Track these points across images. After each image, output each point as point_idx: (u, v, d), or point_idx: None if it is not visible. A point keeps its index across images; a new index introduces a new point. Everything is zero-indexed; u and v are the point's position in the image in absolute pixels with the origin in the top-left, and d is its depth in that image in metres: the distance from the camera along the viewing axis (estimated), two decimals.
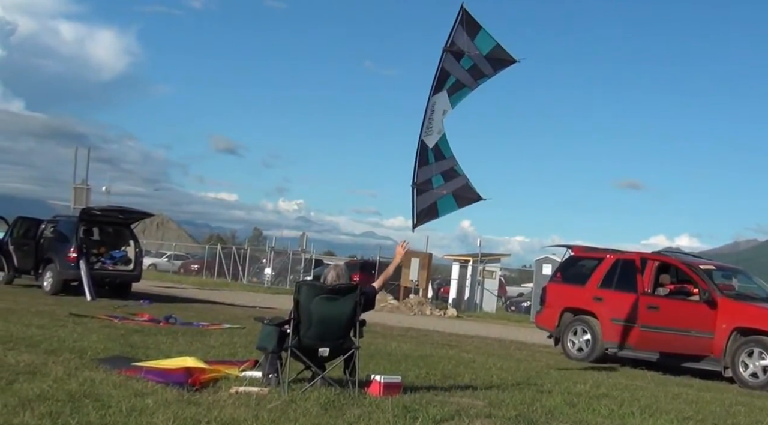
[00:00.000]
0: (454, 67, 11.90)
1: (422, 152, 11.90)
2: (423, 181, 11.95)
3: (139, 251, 21.43)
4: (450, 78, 11.95)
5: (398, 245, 8.71)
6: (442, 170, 12.10)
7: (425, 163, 11.95)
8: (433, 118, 11.94)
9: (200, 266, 45.67)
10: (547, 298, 15.97)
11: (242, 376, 7.78)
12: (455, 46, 11.77)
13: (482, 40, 11.81)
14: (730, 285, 14.46)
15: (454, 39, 11.76)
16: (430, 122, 11.92)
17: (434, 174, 12.04)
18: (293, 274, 37.59)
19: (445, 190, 12.16)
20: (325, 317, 7.39)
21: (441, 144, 12.09)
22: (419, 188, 11.94)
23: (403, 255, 8.74)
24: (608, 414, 7.64)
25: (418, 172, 11.92)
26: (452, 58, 11.85)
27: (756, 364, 12.64)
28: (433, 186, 12.09)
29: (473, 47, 11.80)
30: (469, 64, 11.91)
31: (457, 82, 12.00)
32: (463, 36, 11.75)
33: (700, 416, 8.18)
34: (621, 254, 15.17)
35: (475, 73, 12.03)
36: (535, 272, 30.46)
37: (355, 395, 7.12)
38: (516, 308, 36.44)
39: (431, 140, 11.93)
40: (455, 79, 11.98)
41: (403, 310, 27.75)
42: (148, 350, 9.70)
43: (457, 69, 11.92)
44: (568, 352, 14.87)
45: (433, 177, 12.05)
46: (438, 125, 12.03)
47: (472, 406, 7.25)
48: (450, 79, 11.97)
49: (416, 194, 11.94)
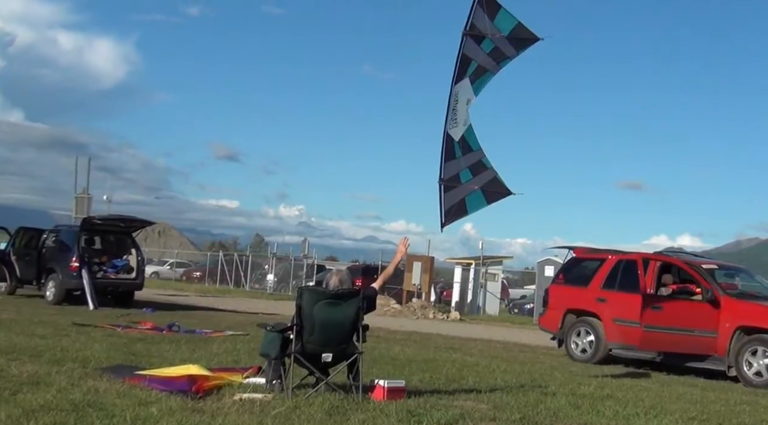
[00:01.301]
0: (475, 51, 11.17)
1: (448, 145, 11.22)
2: (450, 176, 11.14)
3: (141, 259, 21.44)
4: (472, 64, 11.17)
5: (399, 243, 8.69)
6: (470, 164, 11.33)
7: (452, 157, 11.23)
8: (458, 108, 11.19)
9: (202, 274, 45.67)
10: (549, 300, 15.96)
11: (246, 383, 7.78)
12: (475, 29, 11.09)
13: (503, 20, 11.14)
14: (732, 284, 14.45)
15: (473, 21, 11.10)
16: (454, 114, 11.16)
17: (462, 169, 11.27)
18: (295, 280, 37.55)
19: (474, 185, 11.43)
20: (328, 322, 7.39)
21: (468, 136, 11.36)
22: (447, 185, 11.21)
23: (404, 253, 8.71)
24: (613, 416, 7.64)
25: (445, 167, 11.22)
26: (472, 42, 11.09)
27: (760, 363, 12.63)
28: (461, 181, 11.35)
29: (494, 28, 10.96)
30: (490, 47, 11.27)
31: (479, 67, 11.36)
32: (483, 17, 10.93)
33: (705, 415, 8.17)
34: (623, 254, 15.16)
35: (497, 56, 11.34)
36: (538, 274, 30.45)
37: (359, 400, 7.12)
38: (519, 311, 36.41)
39: (457, 132, 11.21)
40: (477, 64, 11.17)
41: (405, 314, 27.73)
42: (152, 358, 9.70)
43: (478, 53, 11.22)
44: (571, 354, 14.86)
45: (461, 172, 11.30)
46: (463, 116, 11.31)
47: (477, 409, 7.25)
48: (472, 65, 11.19)
49: (443, 191, 11.18)
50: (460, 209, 11.54)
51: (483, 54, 11.38)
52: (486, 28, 11.22)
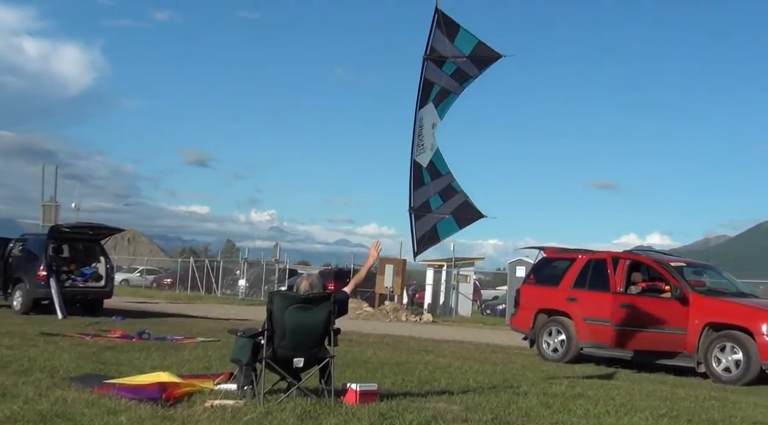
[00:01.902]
0: (437, 75, 10.94)
1: (416, 173, 10.94)
2: (420, 204, 10.93)
3: (110, 267, 21.29)
4: (434, 88, 10.95)
5: (372, 247, 8.69)
6: (440, 189, 11.08)
7: (421, 184, 10.85)
8: (423, 134, 10.93)
9: (173, 280, 45.42)
10: (521, 300, 16.04)
11: (217, 389, 7.72)
12: (435, 52, 10.81)
13: (463, 40, 10.73)
14: (701, 282, 14.60)
15: (433, 45, 10.88)
16: (420, 139, 10.92)
17: (432, 195, 11.02)
18: (267, 285, 37.41)
19: (445, 211, 11.21)
20: (299, 327, 7.36)
21: (436, 160, 11.10)
22: (417, 213, 11.01)
23: (376, 257, 8.70)
24: (584, 414, 7.68)
25: (414, 195, 10.95)
26: (434, 66, 10.86)
27: (728, 359, 12.77)
28: (431, 208, 11.09)
29: (455, 50, 10.82)
30: (452, 69, 10.99)
31: (443, 90, 10.96)
32: (443, 39, 10.80)
33: (675, 412, 8.24)
34: (593, 254, 15.27)
35: (460, 77, 11.02)
36: (509, 274, 30.58)
37: (331, 404, 7.10)
38: (491, 312, 36.54)
39: (424, 158, 10.94)
40: (440, 87, 10.98)
41: (378, 317, 27.74)
42: (121, 366, 9.61)
43: (440, 76, 10.95)
44: (543, 353, 14.93)
45: (431, 198, 11.04)
46: (430, 140, 11.05)
47: (449, 411, 7.26)
48: (435, 89, 10.97)
49: (414, 220, 10.98)
50: (432, 237, 11.37)
51: (445, 76, 11.16)
52: (446, 50, 11.01)
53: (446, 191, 11.32)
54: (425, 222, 11.23)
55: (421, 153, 11.06)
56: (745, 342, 12.68)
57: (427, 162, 11.16)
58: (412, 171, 11.03)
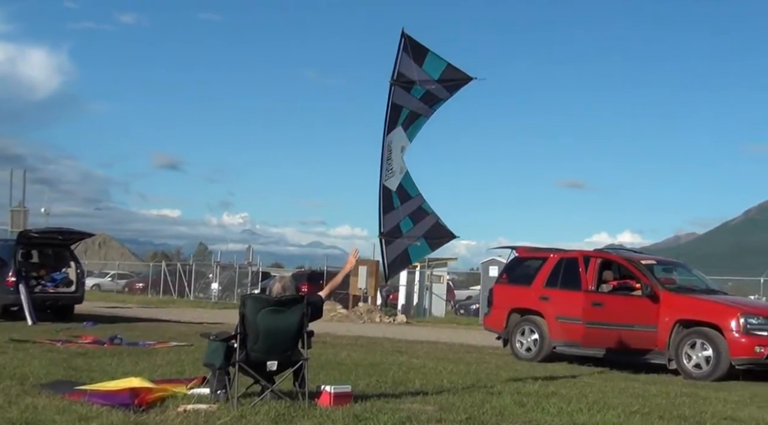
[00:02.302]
0: (405, 99, 10.47)
1: (385, 198, 10.72)
2: (391, 229, 10.61)
3: (81, 272, 21.08)
4: (403, 111, 10.58)
5: (350, 254, 8.70)
6: (410, 212, 10.88)
7: (390, 209, 10.63)
8: (392, 158, 10.61)
9: (145, 285, 45.08)
10: (494, 300, 16.10)
11: (190, 394, 7.68)
12: (403, 77, 10.59)
13: (431, 64, 10.59)
14: (671, 279, 14.75)
15: (400, 70, 10.59)
16: (389, 164, 10.59)
17: (402, 218, 10.76)
18: (240, 288, 37.25)
19: (416, 233, 11.00)
20: (272, 329, 7.34)
21: (405, 183, 10.84)
22: (387, 238, 10.86)
23: (353, 264, 8.72)
24: (557, 412, 7.73)
25: (384, 220, 10.72)
26: (401, 91, 10.47)
27: (699, 355, 12.91)
28: (402, 232, 10.85)
29: (423, 73, 10.42)
30: (421, 93, 10.74)
31: (411, 113, 10.79)
32: (410, 64, 10.31)
33: (647, 409, 8.33)
34: (564, 253, 15.38)
35: (430, 100, 10.53)
36: (482, 274, 30.68)
37: (305, 407, 7.09)
38: (465, 312, 36.63)
39: (393, 182, 10.66)
40: (408, 111, 10.59)
41: (352, 319, 27.72)
42: (93, 372, 9.52)
43: (409, 100, 10.47)
44: (516, 352, 15.01)
45: (402, 222, 10.79)
46: (399, 164, 10.76)
47: (423, 412, 7.27)
48: (403, 113, 10.61)
49: (385, 245, 10.85)
50: (404, 260, 11.22)
51: (414, 100, 10.70)
52: (414, 75, 10.71)
53: (416, 213, 11.11)
54: (396, 246, 11.04)
55: (390, 177, 10.81)
56: (715, 338, 12.83)
57: (396, 186, 10.91)
58: (381, 196, 10.87)
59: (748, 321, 12.83)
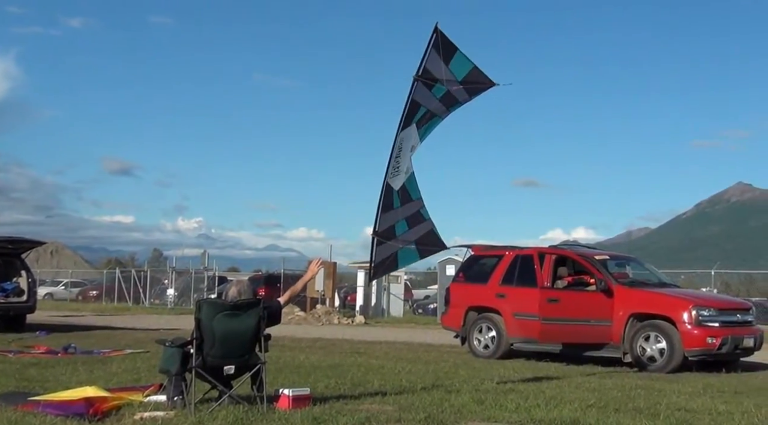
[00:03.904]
0: (425, 97, 10.26)
1: (387, 196, 10.35)
2: (385, 229, 10.44)
3: (32, 281, 20.73)
4: (420, 109, 10.35)
5: (312, 262, 8.67)
6: (408, 215, 10.66)
7: (390, 208, 10.25)
8: (401, 156, 10.43)
9: (99, 292, 44.51)
10: (451, 298, 16.17)
11: (147, 401, 7.59)
12: (429, 74, 10.20)
13: (458, 64, 9.98)
14: (624, 273, 14.94)
15: (426, 66, 10.20)
16: (397, 161, 10.36)
17: (399, 220, 10.51)
18: (197, 293, 36.92)
19: (410, 238, 10.77)
20: (229, 334, 7.29)
21: (408, 185, 10.57)
22: (380, 238, 10.60)
23: (315, 272, 8.67)
24: (515, 409, 7.79)
25: (381, 218, 10.07)
26: (423, 88, 10.32)
27: (653, 348, 13.13)
28: (396, 234, 10.61)
29: (449, 73, 10.25)
30: (442, 92, 10.00)
31: (428, 112, 10.31)
32: (438, 61, 10.03)
33: (603, 402, 8.44)
34: (519, 250, 15.49)
35: (449, 101, 10.37)
36: (439, 273, 30.81)
37: (264, 410, 7.05)
38: (423, 311, 36.75)
39: (398, 181, 10.39)
40: (426, 109, 10.40)
41: (310, 321, 27.63)
42: (46, 383, 9.35)
43: (428, 99, 10.27)
44: (474, 350, 15.09)
45: (397, 223, 10.55)
46: (406, 163, 10.47)
47: (382, 412, 7.28)
48: (420, 111, 10.38)
49: (376, 244, 10.61)
50: (391, 265, 10.90)
51: (434, 99, 10.33)
52: (441, 73, 10.30)
53: (414, 218, 10.81)
54: (387, 248, 10.71)
55: (395, 176, 10.47)
56: (669, 330, 13.05)
57: (400, 186, 10.65)
58: (383, 194, 10.48)
59: (700, 313, 13.08)
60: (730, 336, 13.10)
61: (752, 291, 38.49)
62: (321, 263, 8.57)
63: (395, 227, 10.64)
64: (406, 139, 10.50)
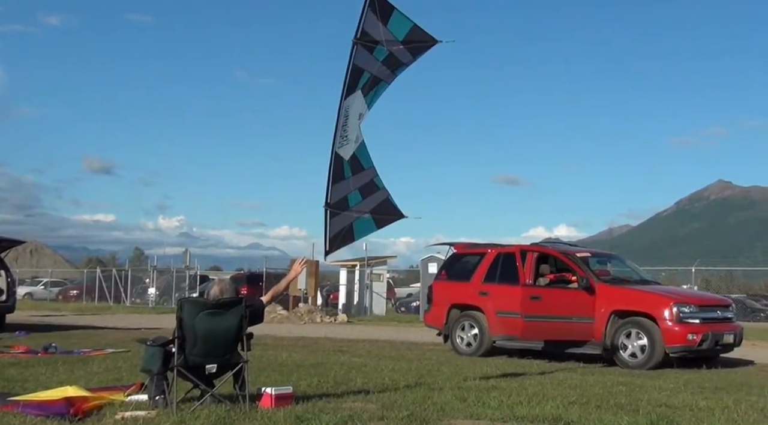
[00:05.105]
0: (367, 60, 10.14)
1: (336, 166, 10.08)
2: (338, 200, 10.25)
3: (12, 280, 20.53)
4: (364, 74, 10.15)
5: (296, 262, 8.62)
6: (360, 185, 10.36)
7: (341, 178, 10.21)
8: (348, 124, 10.15)
9: (79, 292, 44.23)
10: (433, 296, 16.19)
11: (128, 401, 7.54)
12: (367, 36, 10.03)
13: (397, 23, 10.00)
14: (605, 271, 15.02)
15: (364, 28, 9.92)
16: (344, 130, 10.16)
17: (351, 190, 10.28)
18: (178, 292, 36.76)
19: (364, 208, 10.50)
20: (210, 333, 7.25)
21: (359, 153, 10.36)
22: (333, 209, 10.33)
23: (299, 272, 8.63)
24: (498, 406, 7.80)
25: (332, 190, 10.20)
26: (364, 51, 10.05)
27: (634, 344, 13.20)
28: (349, 205, 10.35)
29: (388, 33, 10.00)
30: (383, 55, 10.19)
31: (372, 77, 10.30)
32: (376, 22, 9.96)
33: (584, 399, 8.47)
34: (502, 248, 15.53)
35: (392, 63, 10.32)
36: (422, 271, 30.82)
37: (246, 409, 7.02)
38: (406, 309, 36.82)
39: (347, 150, 10.16)
40: (369, 74, 10.25)
41: (293, 320, 27.55)
42: (26, 383, 9.26)
43: (370, 62, 10.19)
44: (457, 348, 15.12)
45: (350, 194, 10.30)
46: (355, 132, 10.30)
47: (365, 410, 7.27)
48: (364, 76, 10.16)
49: (329, 217, 10.25)
50: (347, 236, 10.68)
51: (376, 63, 10.34)
52: (379, 34, 10.17)
53: (367, 187, 10.61)
54: (341, 220, 10.54)
55: (344, 145, 10.28)
56: (650, 327, 13.13)
57: (350, 155, 10.41)
58: (332, 164, 10.29)
59: (681, 309, 13.16)
60: (710, 332, 13.20)
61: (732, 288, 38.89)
62: (305, 263, 8.47)
63: (348, 198, 10.41)
64: (352, 106, 10.25)
